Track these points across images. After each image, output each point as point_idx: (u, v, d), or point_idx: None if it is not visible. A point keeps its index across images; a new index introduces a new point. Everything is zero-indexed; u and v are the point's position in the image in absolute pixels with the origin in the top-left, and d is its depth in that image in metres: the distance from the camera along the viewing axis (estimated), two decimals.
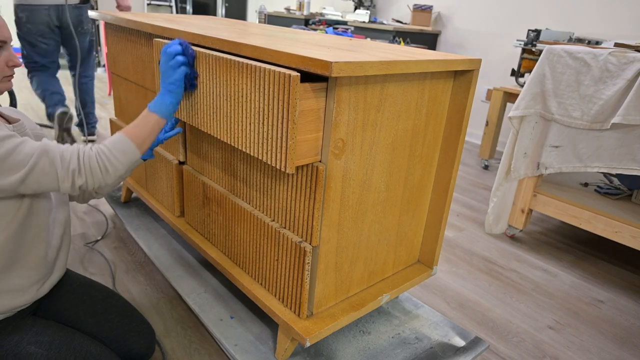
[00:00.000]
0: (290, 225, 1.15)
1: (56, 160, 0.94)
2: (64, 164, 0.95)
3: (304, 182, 1.06)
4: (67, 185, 0.96)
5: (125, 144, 1.03)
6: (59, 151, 0.95)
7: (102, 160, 0.98)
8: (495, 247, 2.20)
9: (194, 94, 1.19)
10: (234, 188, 1.34)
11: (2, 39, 0.99)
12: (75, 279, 1.26)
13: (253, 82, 0.99)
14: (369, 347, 1.34)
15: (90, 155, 0.98)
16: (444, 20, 4.15)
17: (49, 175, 0.93)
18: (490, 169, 3.37)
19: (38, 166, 0.92)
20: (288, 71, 0.91)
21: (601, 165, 1.87)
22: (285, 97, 0.92)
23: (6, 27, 1.02)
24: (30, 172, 0.91)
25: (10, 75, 1.04)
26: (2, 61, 1.00)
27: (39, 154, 0.93)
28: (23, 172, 0.91)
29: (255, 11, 6.48)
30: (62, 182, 0.95)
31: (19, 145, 0.92)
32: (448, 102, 1.27)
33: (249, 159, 1.24)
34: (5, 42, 1.00)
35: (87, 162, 0.97)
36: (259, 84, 0.98)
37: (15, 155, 0.90)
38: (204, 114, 1.18)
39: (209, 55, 1.09)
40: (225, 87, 1.08)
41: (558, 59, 1.89)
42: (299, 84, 0.90)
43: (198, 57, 1.14)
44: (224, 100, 1.09)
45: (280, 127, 0.95)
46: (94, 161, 0.97)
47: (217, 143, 1.36)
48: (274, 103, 0.95)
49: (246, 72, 1.00)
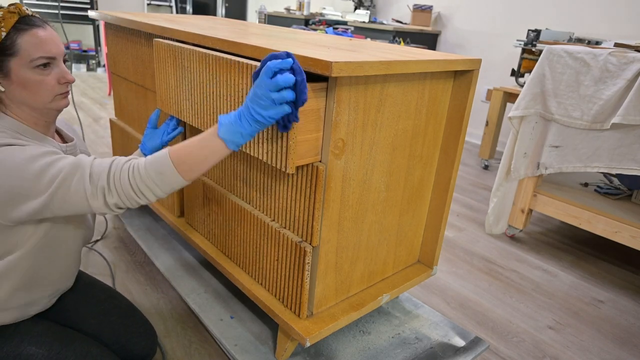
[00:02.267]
0: (290, 225, 1.15)
1: (85, 175, 0.84)
2: (93, 180, 0.84)
3: (304, 182, 1.06)
4: (98, 204, 0.85)
5: (164, 164, 0.86)
6: (90, 166, 0.85)
7: (134, 178, 0.85)
8: (495, 247, 2.20)
9: (195, 93, 1.19)
10: (234, 188, 1.34)
11: (51, 55, 0.90)
12: (79, 277, 1.25)
13: (253, 83, 0.99)
14: (369, 347, 1.34)
15: (123, 170, 0.85)
16: (444, 20, 4.15)
17: (78, 194, 0.84)
18: (490, 169, 3.37)
19: (66, 183, 0.83)
20: None
21: (601, 165, 1.87)
22: None
23: (55, 41, 0.91)
24: (57, 189, 0.83)
25: (65, 92, 0.95)
26: (53, 78, 0.91)
27: (69, 170, 0.83)
28: (52, 189, 0.83)
29: (255, 11, 6.47)
30: (92, 200, 0.84)
31: (55, 162, 0.84)
32: (448, 102, 1.27)
33: (249, 159, 1.24)
34: (55, 58, 0.91)
35: (117, 179, 0.85)
36: None
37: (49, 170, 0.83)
38: (205, 114, 1.17)
39: (209, 55, 1.09)
40: (225, 87, 1.08)
41: (558, 59, 1.89)
42: None
43: (198, 58, 1.13)
44: (224, 100, 1.09)
45: None
46: (125, 178, 0.85)
47: None
48: None
49: (246, 72, 1.00)
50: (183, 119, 1.27)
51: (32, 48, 0.88)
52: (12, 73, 0.88)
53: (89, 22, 5.55)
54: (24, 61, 0.88)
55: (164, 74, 1.30)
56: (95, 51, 5.74)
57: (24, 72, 0.89)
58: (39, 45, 0.88)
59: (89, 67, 5.74)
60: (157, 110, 1.33)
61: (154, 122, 1.31)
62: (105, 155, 2.93)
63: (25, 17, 0.89)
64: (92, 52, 5.74)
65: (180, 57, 1.21)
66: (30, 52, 0.88)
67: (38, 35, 0.89)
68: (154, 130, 1.31)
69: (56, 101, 0.94)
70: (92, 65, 5.76)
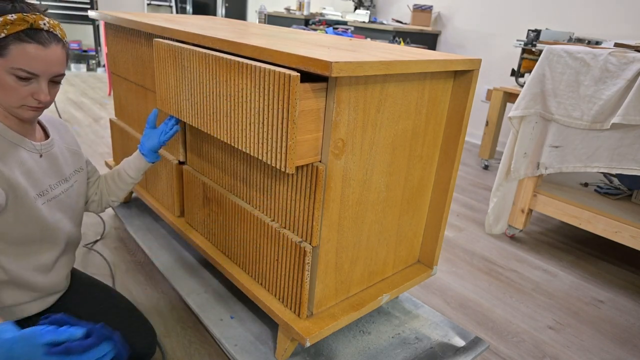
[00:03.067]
0: (290, 225, 1.15)
1: None
2: None
3: (304, 182, 1.06)
4: None
5: None
6: None
7: None
8: (495, 247, 2.20)
9: (195, 93, 1.19)
10: (234, 188, 1.34)
11: (32, 71, 0.92)
12: (78, 277, 1.26)
13: (253, 82, 0.99)
14: (369, 347, 1.34)
15: None
16: (444, 20, 4.15)
17: None
18: (490, 169, 3.37)
19: None
20: (288, 71, 0.91)
21: (601, 165, 1.87)
22: (285, 97, 0.92)
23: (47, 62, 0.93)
24: None
25: (35, 107, 0.96)
26: (28, 91, 0.94)
27: None
28: None
29: (255, 11, 6.47)
30: None
31: None
32: (448, 102, 1.27)
33: (249, 159, 1.24)
34: (38, 76, 0.93)
35: None
36: (258, 84, 0.98)
37: None
38: (205, 114, 1.17)
39: (209, 55, 1.09)
40: (225, 87, 1.07)
41: (558, 59, 1.89)
42: (299, 84, 0.90)
43: (198, 58, 1.13)
44: (224, 100, 1.09)
45: (280, 127, 0.95)
46: None
47: (217, 143, 1.36)
48: (274, 103, 0.95)
49: (246, 72, 1.00)
50: (183, 118, 1.27)
51: (19, 58, 0.90)
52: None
53: (89, 22, 5.55)
54: (7, 65, 0.90)
55: (164, 74, 1.30)
56: (95, 51, 5.74)
57: (2, 73, 0.91)
58: (25, 59, 0.91)
59: (89, 67, 5.74)
60: (155, 110, 1.34)
61: (152, 122, 1.32)
62: (105, 155, 2.93)
63: (34, 30, 0.91)
64: (92, 52, 5.74)
65: (180, 57, 1.21)
66: (15, 61, 0.90)
67: (30, 51, 0.91)
68: (153, 130, 1.31)
69: (22, 110, 0.96)
70: (92, 65, 5.76)
